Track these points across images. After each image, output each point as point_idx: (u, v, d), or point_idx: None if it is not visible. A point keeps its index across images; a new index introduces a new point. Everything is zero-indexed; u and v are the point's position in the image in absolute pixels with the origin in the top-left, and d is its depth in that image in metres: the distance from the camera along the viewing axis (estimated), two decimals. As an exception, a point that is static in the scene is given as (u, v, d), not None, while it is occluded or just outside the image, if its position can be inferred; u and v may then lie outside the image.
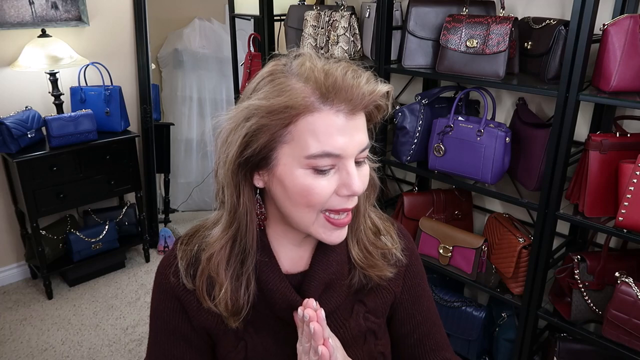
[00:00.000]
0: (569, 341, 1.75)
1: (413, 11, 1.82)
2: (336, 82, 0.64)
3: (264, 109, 0.65)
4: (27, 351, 2.30)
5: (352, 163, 0.67)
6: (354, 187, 0.67)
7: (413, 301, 0.88)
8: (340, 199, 0.69)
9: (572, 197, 1.60)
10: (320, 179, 0.67)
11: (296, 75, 0.66)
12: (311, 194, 0.67)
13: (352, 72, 0.66)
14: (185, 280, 0.77)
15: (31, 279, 2.88)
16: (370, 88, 0.65)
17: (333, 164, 0.67)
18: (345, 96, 0.64)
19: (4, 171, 2.65)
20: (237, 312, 0.75)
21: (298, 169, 0.67)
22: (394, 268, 0.83)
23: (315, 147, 0.65)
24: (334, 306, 0.79)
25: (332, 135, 0.65)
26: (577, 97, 1.46)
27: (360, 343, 0.83)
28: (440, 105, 1.94)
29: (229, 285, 0.74)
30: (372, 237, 0.82)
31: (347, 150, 0.66)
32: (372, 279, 0.81)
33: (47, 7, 2.60)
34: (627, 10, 1.58)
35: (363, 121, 0.68)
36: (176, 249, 0.80)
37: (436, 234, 1.93)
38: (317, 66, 0.66)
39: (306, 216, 0.70)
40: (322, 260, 0.77)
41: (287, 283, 0.76)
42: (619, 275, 1.49)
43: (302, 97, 0.64)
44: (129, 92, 2.97)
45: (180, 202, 3.73)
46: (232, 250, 0.74)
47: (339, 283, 0.78)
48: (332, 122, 0.65)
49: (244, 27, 3.08)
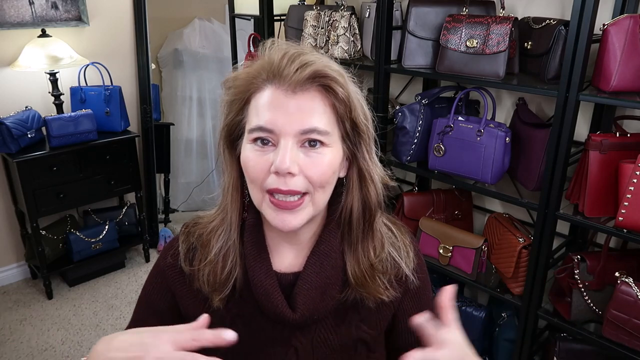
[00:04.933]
0: (569, 341, 1.75)
1: (413, 11, 1.82)
2: (274, 62, 0.68)
3: (231, 84, 0.73)
4: (27, 351, 2.30)
5: (287, 142, 0.67)
6: (278, 162, 0.67)
7: None
8: (276, 178, 0.68)
9: (572, 197, 1.60)
10: (257, 153, 0.69)
11: (260, 57, 0.72)
12: (248, 167, 0.70)
13: (294, 53, 0.69)
14: (183, 263, 0.80)
15: (31, 279, 2.88)
16: (305, 68, 0.67)
17: (271, 140, 0.69)
18: (282, 74, 0.68)
19: (4, 171, 2.65)
20: (218, 287, 0.76)
21: (247, 143, 0.71)
22: (399, 287, 0.82)
23: (254, 122, 0.69)
24: (325, 311, 0.78)
25: (267, 110, 0.68)
26: (577, 97, 1.46)
27: (350, 352, 0.82)
28: (440, 105, 1.94)
29: (214, 257, 0.76)
30: (374, 259, 0.79)
31: (279, 126, 0.67)
32: (367, 299, 0.79)
33: (47, 7, 2.60)
34: (627, 10, 1.58)
35: (312, 102, 0.68)
36: (180, 234, 0.84)
37: (436, 234, 1.93)
38: (273, 49, 0.71)
39: (256, 194, 0.72)
40: (316, 264, 0.77)
41: (275, 281, 0.76)
42: (619, 275, 1.49)
43: (253, 75, 0.70)
44: (129, 92, 2.97)
45: (180, 202, 3.73)
46: (222, 226, 0.77)
47: (332, 288, 0.77)
48: (270, 98, 0.68)
49: (244, 27, 3.08)
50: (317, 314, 0.77)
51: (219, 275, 0.76)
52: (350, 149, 0.73)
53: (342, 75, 0.71)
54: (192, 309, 0.81)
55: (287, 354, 0.78)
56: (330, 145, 0.70)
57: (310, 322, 0.77)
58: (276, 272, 0.78)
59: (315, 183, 0.70)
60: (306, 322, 0.77)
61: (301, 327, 0.78)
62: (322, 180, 0.70)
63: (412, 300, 0.86)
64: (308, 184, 0.69)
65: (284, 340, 0.78)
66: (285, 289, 0.77)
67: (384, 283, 0.79)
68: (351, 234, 0.78)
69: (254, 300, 0.77)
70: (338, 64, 0.72)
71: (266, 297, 0.75)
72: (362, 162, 0.74)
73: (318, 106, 0.69)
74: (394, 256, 0.82)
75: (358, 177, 0.75)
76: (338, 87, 0.69)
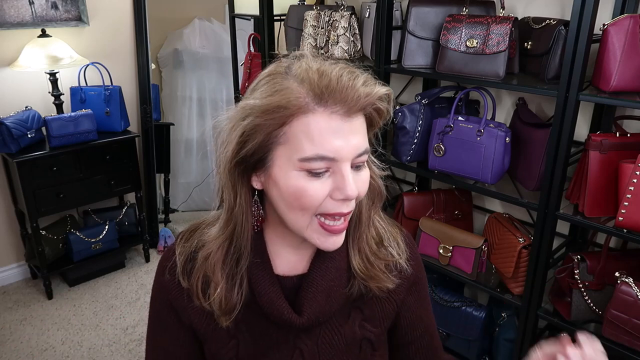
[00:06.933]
0: (569, 341, 1.75)
1: (413, 11, 1.82)
2: (330, 83, 0.63)
3: (258, 109, 0.64)
4: (27, 351, 2.30)
5: (347, 167, 0.65)
6: (348, 190, 0.65)
7: (416, 311, 0.88)
8: (335, 202, 0.67)
9: (572, 197, 1.60)
10: (313, 181, 0.65)
11: (293, 76, 0.65)
12: (304, 197, 0.66)
13: (349, 73, 0.64)
14: (181, 277, 0.78)
15: (31, 279, 2.88)
16: (366, 90, 0.64)
17: (327, 167, 0.65)
18: (340, 97, 0.63)
19: (4, 171, 2.65)
20: (229, 311, 0.75)
21: (292, 170, 0.65)
22: (396, 279, 0.82)
23: (309, 150, 0.63)
24: (330, 313, 0.77)
25: (326, 138, 0.63)
26: (577, 97, 1.46)
27: (355, 351, 0.81)
28: (440, 105, 1.94)
29: (224, 284, 0.74)
30: (375, 247, 0.80)
31: (341, 153, 0.64)
32: (372, 290, 0.79)
33: (47, 7, 2.60)
34: (627, 10, 1.58)
35: (361, 124, 0.67)
36: (176, 244, 0.81)
37: (436, 234, 1.93)
38: (313, 67, 0.65)
39: (300, 219, 0.69)
40: (321, 266, 0.76)
41: (278, 288, 0.75)
42: (619, 275, 1.49)
43: (295, 97, 0.63)
44: (129, 92, 2.97)
45: (180, 202, 3.73)
46: (229, 250, 0.74)
47: (336, 290, 0.77)
48: (326, 124, 0.63)
49: (244, 27, 3.08)
50: (323, 317, 0.76)
51: (228, 299, 0.74)
52: None
53: (390, 93, 0.69)
54: (196, 320, 0.80)
55: (293, 356, 0.78)
56: None
57: (315, 324, 0.77)
58: (279, 275, 0.77)
59: (359, 199, 0.71)
60: (312, 324, 0.76)
61: (306, 329, 0.77)
62: (364, 194, 0.72)
63: (413, 295, 0.87)
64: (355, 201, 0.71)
65: (289, 343, 0.78)
66: (289, 292, 0.77)
67: (385, 271, 0.80)
68: (357, 227, 0.78)
69: (258, 305, 0.76)
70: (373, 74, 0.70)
71: (271, 305, 0.74)
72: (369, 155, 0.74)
73: (362, 126, 0.67)
74: (386, 246, 0.83)
75: None
76: (387, 107, 0.69)
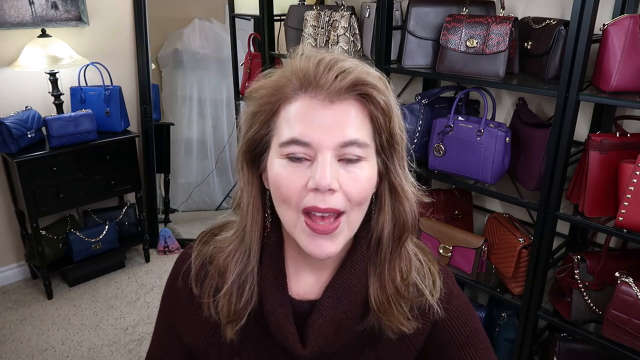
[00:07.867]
0: (569, 341, 1.75)
1: (413, 11, 1.82)
2: (309, 70, 0.63)
3: (254, 95, 0.67)
4: (27, 351, 2.30)
5: (327, 156, 0.62)
6: (317, 177, 0.61)
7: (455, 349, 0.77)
8: (314, 196, 0.62)
9: (572, 197, 1.60)
10: (291, 169, 0.63)
11: (287, 66, 0.67)
12: (281, 186, 0.64)
13: (331, 59, 0.63)
14: (194, 283, 0.76)
15: (31, 279, 2.88)
16: (344, 74, 0.62)
17: (307, 154, 0.63)
18: (319, 83, 0.62)
19: (4, 171, 2.65)
20: (235, 318, 0.71)
21: (276, 159, 0.65)
22: (417, 322, 0.73)
23: (286, 134, 0.63)
24: (339, 346, 0.73)
25: (303, 123, 0.62)
26: (577, 97, 1.46)
27: None
28: (440, 105, 1.94)
29: (233, 288, 0.71)
30: (400, 282, 0.72)
31: (317, 140, 0.62)
32: (384, 330, 0.72)
33: (47, 7, 2.60)
34: (627, 10, 1.58)
35: (351, 113, 0.63)
36: (194, 246, 0.79)
37: (436, 234, 1.93)
38: (303, 55, 0.66)
39: (287, 215, 0.66)
40: (334, 295, 0.71)
41: (288, 309, 0.71)
42: (619, 275, 1.49)
43: (282, 84, 0.64)
44: (129, 92, 2.97)
45: (180, 202, 3.73)
46: (240, 252, 0.72)
47: (349, 324, 0.72)
48: (305, 109, 0.63)
49: (244, 27, 3.08)
50: (330, 349, 0.72)
51: (234, 305, 0.71)
52: (384, 162, 0.68)
53: (383, 81, 0.66)
54: (198, 335, 0.78)
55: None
56: (369, 159, 0.65)
57: (322, 357, 0.72)
58: (292, 298, 0.73)
59: (354, 201, 0.64)
60: (316, 357, 0.72)
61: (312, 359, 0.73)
62: (362, 197, 0.65)
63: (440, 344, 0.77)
64: (347, 202, 0.64)
65: None
66: (300, 316, 0.72)
67: (406, 313, 0.72)
68: (379, 256, 0.71)
69: (266, 323, 0.72)
70: (376, 69, 0.67)
71: (277, 326, 0.70)
72: (394, 176, 0.68)
73: (356, 117, 0.64)
74: (417, 283, 0.74)
75: (390, 193, 0.69)
76: (380, 96, 0.64)
